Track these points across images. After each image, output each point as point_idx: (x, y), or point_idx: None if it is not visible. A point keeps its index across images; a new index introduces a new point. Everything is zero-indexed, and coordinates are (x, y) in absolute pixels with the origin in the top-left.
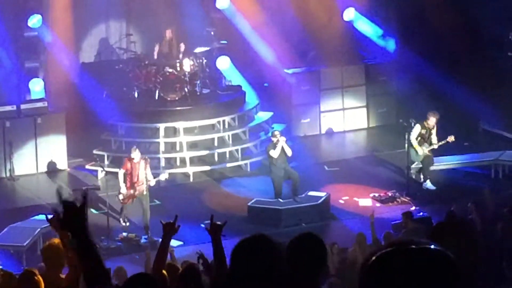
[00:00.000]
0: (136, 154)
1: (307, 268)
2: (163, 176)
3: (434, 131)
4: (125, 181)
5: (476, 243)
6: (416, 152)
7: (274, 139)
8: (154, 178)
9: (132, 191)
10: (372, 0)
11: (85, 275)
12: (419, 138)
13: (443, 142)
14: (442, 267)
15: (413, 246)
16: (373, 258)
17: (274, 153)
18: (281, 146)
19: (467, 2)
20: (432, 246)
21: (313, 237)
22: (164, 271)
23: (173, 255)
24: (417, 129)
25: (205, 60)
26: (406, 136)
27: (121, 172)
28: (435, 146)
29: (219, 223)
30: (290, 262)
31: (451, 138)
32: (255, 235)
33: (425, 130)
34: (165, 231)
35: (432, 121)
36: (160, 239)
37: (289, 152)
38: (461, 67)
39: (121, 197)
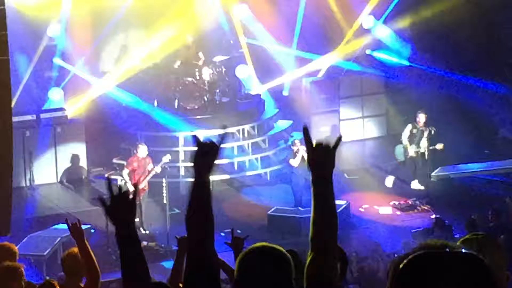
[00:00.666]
0: (142, 150)
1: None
2: (166, 158)
3: (426, 134)
4: (131, 179)
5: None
6: (404, 150)
7: (295, 148)
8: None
9: (140, 186)
10: (389, 8)
11: (123, 272)
12: (409, 137)
13: (431, 148)
14: (477, 272)
15: (446, 250)
16: (405, 261)
17: (294, 162)
18: (301, 155)
19: (487, 9)
20: (465, 251)
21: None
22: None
23: None
24: (408, 128)
25: (224, 69)
26: (424, 139)
27: (125, 172)
28: (422, 150)
29: (240, 237)
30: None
31: (439, 146)
32: (259, 244)
33: (416, 130)
34: (180, 247)
35: (421, 118)
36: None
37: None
38: (480, 74)
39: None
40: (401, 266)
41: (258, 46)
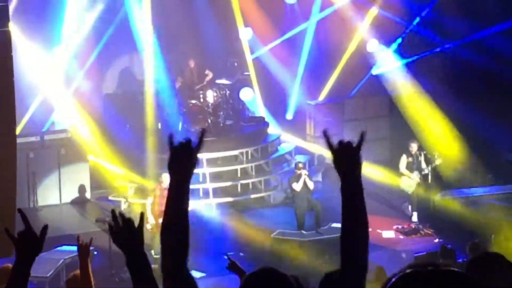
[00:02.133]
0: (166, 178)
1: None
2: None
3: (422, 158)
4: (152, 210)
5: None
6: (408, 183)
7: (298, 171)
8: None
9: (160, 220)
10: (392, 31)
11: None
12: (407, 167)
13: (432, 165)
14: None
15: (433, 268)
16: (393, 279)
17: (297, 186)
18: (303, 179)
19: (486, 32)
20: (454, 269)
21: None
22: None
23: None
24: (403, 159)
25: (228, 91)
26: (422, 163)
27: (148, 202)
28: (426, 171)
29: (233, 260)
30: None
31: (439, 161)
32: (263, 268)
33: (411, 158)
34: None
35: (413, 147)
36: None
37: (311, 185)
38: (484, 98)
39: (148, 226)
40: (389, 284)
41: (263, 69)
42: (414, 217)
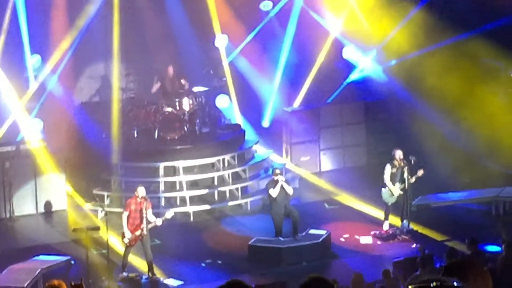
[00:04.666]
0: (141, 191)
1: None
2: (169, 214)
3: (406, 169)
4: (128, 223)
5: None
6: (391, 193)
7: (275, 177)
8: (158, 217)
9: (137, 233)
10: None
11: None
12: (390, 178)
13: (415, 176)
14: None
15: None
16: None
17: (274, 192)
18: (280, 185)
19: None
20: (455, 283)
21: (322, 282)
22: None
23: None
24: (388, 169)
25: (204, 99)
26: (405, 173)
27: (124, 215)
28: (412, 180)
29: None
30: None
31: (420, 172)
32: (230, 281)
33: (395, 169)
34: None
35: (398, 156)
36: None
37: (289, 191)
38: (460, 105)
39: (125, 240)
40: None
41: (239, 76)
42: (386, 226)
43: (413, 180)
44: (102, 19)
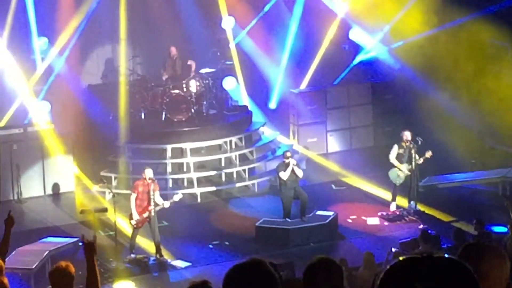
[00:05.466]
0: (149, 172)
1: None
2: (177, 197)
3: (413, 150)
4: (135, 205)
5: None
6: (397, 174)
7: (286, 160)
8: (166, 199)
9: (145, 215)
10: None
11: None
12: (397, 158)
13: (423, 158)
14: (455, 274)
15: (427, 255)
16: (388, 267)
17: (284, 175)
18: (291, 168)
19: (471, 21)
20: (448, 256)
21: (330, 263)
22: None
23: None
24: (395, 149)
25: (211, 81)
26: (413, 155)
27: (132, 197)
28: (420, 162)
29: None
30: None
31: (428, 154)
32: (250, 260)
33: (403, 150)
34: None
35: (407, 136)
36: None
37: (300, 174)
38: (467, 85)
39: (133, 222)
40: (383, 274)
41: (246, 58)
42: (393, 207)
43: (421, 161)
44: (109, 1)
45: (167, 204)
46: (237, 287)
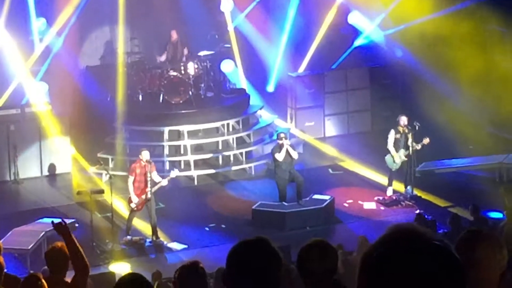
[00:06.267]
0: (145, 154)
1: (317, 277)
2: (174, 173)
3: (410, 136)
4: (134, 188)
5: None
6: (393, 159)
7: (280, 142)
8: (164, 178)
9: (143, 197)
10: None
11: None
12: (394, 143)
13: (420, 144)
14: (441, 261)
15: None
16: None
17: (279, 156)
18: (286, 149)
19: (471, 6)
20: (436, 242)
21: (325, 246)
22: None
23: None
24: (392, 135)
25: (209, 64)
26: (410, 140)
27: (130, 180)
28: (418, 147)
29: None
30: (300, 270)
31: (426, 140)
32: (256, 237)
33: (399, 135)
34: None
35: (403, 122)
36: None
37: (294, 155)
38: (464, 70)
39: (133, 205)
40: (371, 258)
41: (244, 41)
42: (389, 192)
43: (418, 147)
44: None
45: (165, 182)
46: (242, 263)
